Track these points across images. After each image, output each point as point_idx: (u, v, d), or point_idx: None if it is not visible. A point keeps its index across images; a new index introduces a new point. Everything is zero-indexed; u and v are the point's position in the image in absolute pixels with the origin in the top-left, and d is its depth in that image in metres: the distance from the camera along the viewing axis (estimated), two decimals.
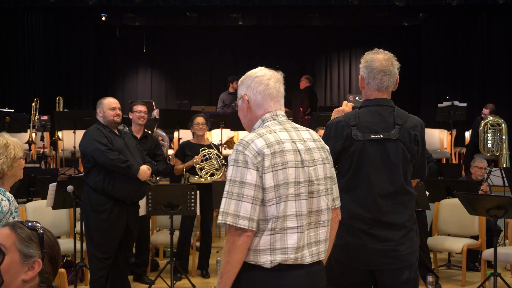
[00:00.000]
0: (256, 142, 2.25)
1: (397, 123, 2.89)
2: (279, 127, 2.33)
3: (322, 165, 2.37)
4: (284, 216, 2.23)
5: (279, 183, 2.23)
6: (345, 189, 2.91)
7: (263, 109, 2.39)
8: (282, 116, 2.40)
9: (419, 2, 11.18)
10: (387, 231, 2.85)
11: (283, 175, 2.24)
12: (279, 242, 2.23)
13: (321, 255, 2.37)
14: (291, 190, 2.25)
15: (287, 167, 2.25)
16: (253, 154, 2.23)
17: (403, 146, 2.89)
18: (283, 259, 2.23)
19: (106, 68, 14.13)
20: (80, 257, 5.44)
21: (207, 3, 11.25)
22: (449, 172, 7.71)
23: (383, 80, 2.92)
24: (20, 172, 3.00)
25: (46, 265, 1.83)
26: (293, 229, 2.25)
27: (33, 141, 9.27)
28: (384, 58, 2.94)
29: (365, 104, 2.98)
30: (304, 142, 2.34)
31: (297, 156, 2.28)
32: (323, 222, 2.36)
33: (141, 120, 5.85)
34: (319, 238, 2.35)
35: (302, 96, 11.18)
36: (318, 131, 6.05)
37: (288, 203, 2.24)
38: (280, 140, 2.28)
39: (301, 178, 2.28)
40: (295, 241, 2.24)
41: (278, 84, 2.42)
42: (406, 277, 2.90)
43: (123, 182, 4.74)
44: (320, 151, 2.38)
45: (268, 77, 2.40)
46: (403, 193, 2.90)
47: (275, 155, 2.24)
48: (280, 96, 2.42)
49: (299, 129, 2.39)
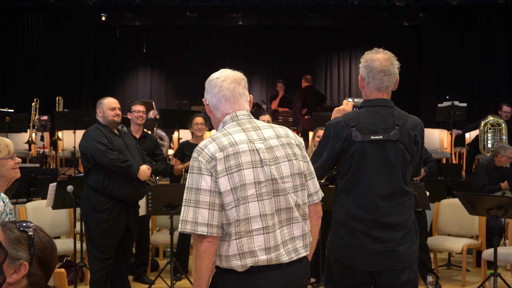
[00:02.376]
0: (209, 147, 2.25)
1: (397, 123, 2.88)
2: (236, 129, 2.31)
3: (288, 162, 2.32)
4: (247, 219, 2.22)
5: (235, 186, 2.21)
6: (345, 190, 2.91)
7: (220, 111, 2.39)
8: (243, 116, 2.37)
9: (419, 2, 11.17)
10: (386, 232, 2.85)
11: (239, 177, 2.22)
12: (246, 245, 2.22)
13: (300, 251, 2.34)
14: (251, 191, 2.23)
15: (242, 168, 2.23)
16: (207, 160, 2.22)
17: (403, 147, 2.88)
18: (253, 262, 2.22)
19: (106, 68, 14.13)
20: (80, 257, 5.45)
21: (207, 3, 11.25)
22: (449, 172, 7.72)
23: (383, 80, 2.91)
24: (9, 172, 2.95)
25: (35, 268, 1.78)
26: (258, 230, 2.23)
27: (33, 141, 9.27)
28: (384, 57, 2.93)
29: (364, 104, 2.96)
30: (265, 141, 2.31)
31: (254, 156, 2.26)
32: (295, 218, 2.33)
33: (140, 120, 5.84)
34: (293, 235, 2.33)
35: (297, 96, 11.22)
36: (318, 131, 6.05)
37: (250, 204, 2.22)
38: (235, 142, 2.26)
39: (261, 178, 2.25)
40: (262, 242, 2.23)
41: (233, 84, 2.39)
42: (405, 277, 2.89)
43: (123, 182, 4.74)
44: (285, 147, 2.34)
45: (223, 79, 2.39)
46: (402, 194, 2.89)
47: (229, 158, 2.23)
48: (237, 97, 2.38)
49: (261, 128, 2.36)
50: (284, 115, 10.54)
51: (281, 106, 11.61)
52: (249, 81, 8.65)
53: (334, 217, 2.97)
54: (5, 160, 2.91)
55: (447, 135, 9.92)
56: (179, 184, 6.25)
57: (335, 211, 2.97)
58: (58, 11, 12.28)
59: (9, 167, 2.93)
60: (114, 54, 14.13)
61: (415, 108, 12.43)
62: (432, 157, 6.00)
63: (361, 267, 2.88)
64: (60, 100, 10.68)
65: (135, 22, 13.31)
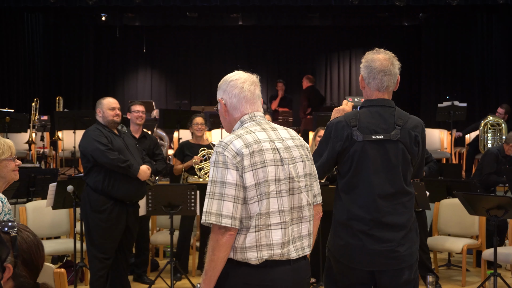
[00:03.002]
0: (235, 143, 2.33)
1: (397, 124, 2.88)
2: (257, 128, 2.42)
3: (302, 163, 2.44)
4: (267, 213, 2.31)
5: (259, 181, 2.31)
6: (345, 190, 2.91)
7: (239, 111, 2.47)
8: (260, 117, 2.48)
9: (419, 2, 11.17)
10: (387, 232, 2.85)
11: (263, 173, 2.32)
12: (264, 238, 2.31)
13: (305, 250, 2.45)
14: (272, 187, 2.33)
15: (266, 165, 2.33)
16: (232, 155, 2.30)
17: (404, 147, 2.88)
18: (269, 255, 2.31)
19: (106, 68, 14.13)
20: (80, 257, 5.45)
21: (207, 3, 11.25)
22: (449, 172, 7.71)
23: (383, 80, 2.91)
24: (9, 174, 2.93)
25: (21, 269, 1.73)
26: (277, 225, 2.33)
27: (33, 141, 9.27)
28: (385, 58, 2.93)
29: (365, 104, 2.96)
30: (283, 141, 2.42)
31: (276, 154, 2.36)
32: (305, 217, 2.45)
33: (139, 120, 5.84)
34: (302, 233, 2.43)
35: (302, 96, 11.20)
36: (319, 131, 6.05)
37: (270, 200, 2.32)
38: (258, 140, 2.36)
39: (281, 176, 2.36)
40: (280, 236, 2.33)
41: (253, 86, 2.49)
42: (406, 277, 2.90)
43: (123, 182, 4.74)
44: (299, 149, 2.46)
45: (243, 80, 2.48)
46: (403, 194, 2.89)
47: (254, 154, 2.32)
48: (256, 98, 2.49)
49: (278, 129, 2.47)
50: (284, 115, 10.54)
51: (281, 106, 11.60)
52: None
53: (334, 217, 2.97)
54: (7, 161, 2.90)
55: (447, 135, 9.91)
56: (179, 184, 6.26)
57: (336, 211, 2.97)
58: (58, 11, 12.28)
59: (10, 169, 2.91)
60: (114, 54, 14.12)
61: (415, 108, 12.42)
62: (432, 157, 6.00)
63: (362, 267, 2.88)
64: (60, 100, 10.67)
65: (135, 22, 13.31)
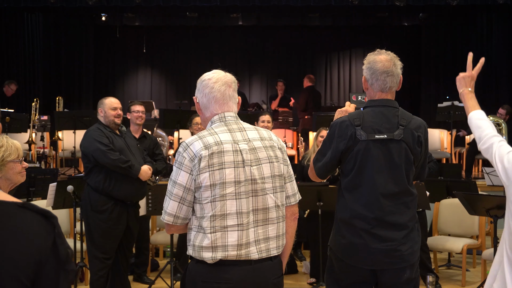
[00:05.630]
0: (195, 145, 2.38)
1: (401, 123, 2.90)
2: (222, 129, 2.44)
3: (269, 164, 2.44)
4: (223, 215, 2.35)
5: (215, 183, 2.34)
6: (348, 189, 2.92)
7: (209, 111, 2.51)
8: (230, 118, 2.49)
9: (419, 2, 11.18)
10: (389, 231, 2.86)
11: (220, 175, 2.35)
12: (220, 240, 2.35)
13: (271, 252, 2.43)
14: (230, 189, 2.35)
15: (224, 167, 2.36)
16: (190, 158, 2.37)
17: (407, 147, 2.90)
18: (223, 256, 2.35)
19: (106, 68, 14.14)
20: (80, 257, 5.45)
21: (207, 3, 11.25)
22: (449, 172, 7.71)
23: (386, 81, 2.93)
24: (15, 176, 2.91)
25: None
26: (233, 227, 2.36)
27: (33, 141, 9.26)
28: (387, 58, 2.95)
29: (369, 104, 2.99)
30: (249, 142, 2.43)
31: (237, 156, 2.38)
32: (271, 219, 2.43)
33: (139, 120, 5.84)
34: (268, 235, 2.43)
35: (301, 94, 11.20)
36: (321, 131, 6.06)
37: (227, 202, 2.35)
38: (220, 141, 2.39)
39: (242, 178, 2.37)
40: (236, 238, 2.35)
41: (224, 87, 2.49)
42: (407, 276, 2.91)
43: (123, 182, 4.74)
44: (267, 150, 2.46)
45: (215, 80, 2.50)
46: (406, 194, 2.91)
47: (213, 156, 2.35)
48: (227, 99, 2.49)
49: (247, 130, 2.48)
50: (284, 115, 10.53)
51: (281, 106, 11.60)
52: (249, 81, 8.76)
53: (337, 216, 2.99)
54: (13, 163, 2.88)
55: (447, 135, 9.92)
56: None
57: (338, 209, 2.98)
58: (58, 11, 12.28)
59: (17, 171, 2.89)
60: (114, 54, 14.13)
61: (415, 108, 12.42)
62: (432, 157, 6.01)
63: (364, 265, 2.89)
64: (60, 100, 10.67)
65: (135, 22, 13.31)
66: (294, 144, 10.24)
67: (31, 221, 1.59)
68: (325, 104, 13.64)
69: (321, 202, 5.34)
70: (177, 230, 2.51)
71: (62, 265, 1.58)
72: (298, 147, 9.78)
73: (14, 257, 1.51)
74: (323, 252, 5.17)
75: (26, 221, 1.58)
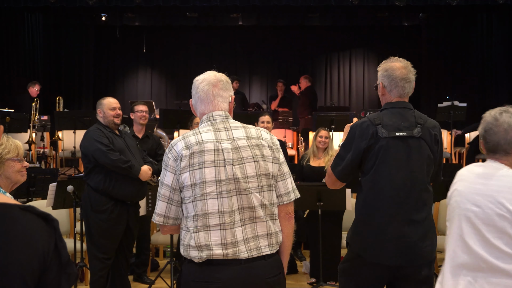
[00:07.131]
0: (178, 145, 2.43)
1: (418, 122, 2.99)
2: (208, 128, 2.46)
3: (254, 163, 2.42)
4: (205, 214, 2.36)
5: (195, 182, 2.37)
6: (368, 186, 2.97)
7: (198, 111, 2.56)
8: (219, 116, 2.50)
9: (419, 2, 11.18)
10: (407, 228, 2.90)
11: (199, 175, 2.36)
12: (203, 239, 2.36)
13: (263, 250, 2.40)
14: (211, 188, 2.36)
15: (203, 167, 2.37)
16: (174, 158, 2.41)
17: (425, 144, 2.97)
18: (208, 255, 2.36)
19: (106, 68, 14.14)
20: (80, 257, 5.45)
21: (207, 3, 11.25)
22: (449, 172, 7.69)
23: (404, 87, 3.04)
24: (14, 175, 2.91)
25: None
26: (215, 226, 2.36)
27: (33, 141, 9.27)
28: (403, 66, 3.06)
29: (386, 107, 3.07)
30: (233, 141, 2.43)
31: (218, 155, 2.39)
32: (259, 218, 2.41)
33: (143, 120, 5.85)
34: (257, 234, 2.40)
35: (302, 96, 11.18)
36: (320, 131, 6.05)
37: (208, 201, 2.36)
38: (201, 140, 2.41)
39: (223, 177, 2.37)
40: (218, 237, 2.35)
41: (208, 86, 2.50)
42: (425, 274, 2.94)
43: (123, 182, 4.74)
44: (253, 149, 2.44)
45: (201, 81, 2.54)
46: (424, 191, 2.97)
47: (193, 155, 2.38)
48: (210, 98, 2.50)
49: (233, 129, 2.47)
50: (284, 115, 10.52)
51: (281, 106, 11.60)
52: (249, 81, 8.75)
53: (356, 213, 3.04)
54: (12, 161, 2.87)
55: (447, 135, 9.92)
56: None
57: (357, 206, 3.03)
58: (58, 11, 12.27)
59: (16, 169, 2.88)
60: (114, 54, 14.13)
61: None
62: None
63: (381, 262, 2.92)
64: (60, 100, 10.68)
65: (135, 22, 13.31)
66: (294, 144, 10.24)
67: (34, 224, 1.58)
68: (325, 104, 13.65)
69: (321, 202, 5.34)
70: (170, 230, 2.53)
71: (64, 268, 1.58)
72: (298, 147, 9.79)
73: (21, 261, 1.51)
74: (323, 252, 5.17)
75: (30, 224, 1.57)
